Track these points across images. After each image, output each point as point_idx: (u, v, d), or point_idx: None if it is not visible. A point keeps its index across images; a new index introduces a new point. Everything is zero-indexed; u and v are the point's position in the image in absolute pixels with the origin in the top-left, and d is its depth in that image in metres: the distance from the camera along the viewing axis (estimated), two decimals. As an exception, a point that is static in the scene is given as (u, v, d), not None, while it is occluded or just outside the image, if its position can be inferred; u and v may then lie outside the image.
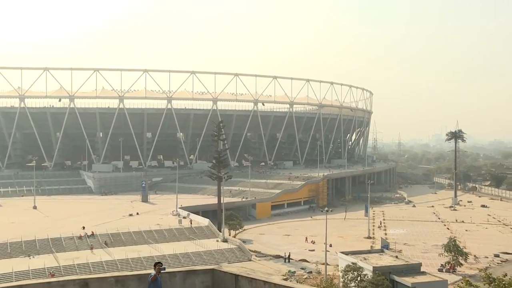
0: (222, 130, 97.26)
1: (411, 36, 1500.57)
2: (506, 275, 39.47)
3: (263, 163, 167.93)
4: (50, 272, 57.85)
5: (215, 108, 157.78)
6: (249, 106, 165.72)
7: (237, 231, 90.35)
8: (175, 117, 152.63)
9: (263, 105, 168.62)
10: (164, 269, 13.55)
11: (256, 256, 73.62)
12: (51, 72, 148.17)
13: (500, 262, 70.54)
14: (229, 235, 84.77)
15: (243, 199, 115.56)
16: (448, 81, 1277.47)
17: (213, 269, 14.98)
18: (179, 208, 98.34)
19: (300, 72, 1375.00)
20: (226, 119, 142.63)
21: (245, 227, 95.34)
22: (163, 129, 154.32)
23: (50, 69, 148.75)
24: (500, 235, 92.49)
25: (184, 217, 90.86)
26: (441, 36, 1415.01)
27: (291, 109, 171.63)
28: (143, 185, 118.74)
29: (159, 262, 13.64)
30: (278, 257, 72.91)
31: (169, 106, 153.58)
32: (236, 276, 14.36)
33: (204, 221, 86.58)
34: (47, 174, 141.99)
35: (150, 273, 13.48)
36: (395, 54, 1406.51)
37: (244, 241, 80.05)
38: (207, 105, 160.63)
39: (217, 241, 77.03)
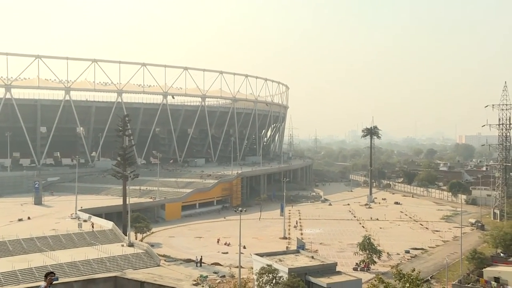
0: (128, 124, 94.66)
1: (327, 30, 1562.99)
2: (414, 270, 42.86)
3: (173, 161, 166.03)
4: None
5: (120, 100, 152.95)
6: (157, 99, 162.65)
7: (144, 235, 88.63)
8: (74, 110, 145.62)
9: (173, 98, 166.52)
10: (57, 279, 12.86)
11: (165, 260, 72.78)
12: None
13: (410, 258, 76.09)
14: (136, 239, 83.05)
15: (151, 200, 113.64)
16: (364, 77, 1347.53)
17: (115, 277, 14.50)
18: (79, 210, 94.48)
19: (213, 63, 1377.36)
20: (133, 113, 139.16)
21: (154, 229, 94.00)
22: (61, 123, 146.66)
23: None
24: (411, 231, 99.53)
25: (85, 220, 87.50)
26: (358, 31, 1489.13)
27: (203, 103, 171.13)
28: (36, 185, 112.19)
29: (51, 272, 12.90)
30: (189, 261, 72.65)
31: (67, 97, 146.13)
32: (142, 283, 14.00)
33: (107, 224, 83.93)
34: None
35: (39, 286, 12.69)
36: (311, 49, 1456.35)
37: (152, 245, 78.85)
38: (111, 97, 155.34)
39: (122, 245, 75.07)
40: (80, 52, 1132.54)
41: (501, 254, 69.24)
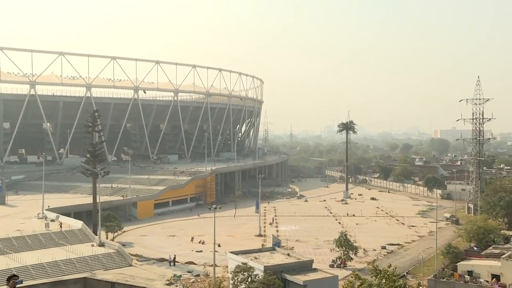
0: (98, 120, 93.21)
1: (304, 25, 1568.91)
2: (390, 266, 43.67)
3: (145, 157, 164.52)
4: None
5: (89, 95, 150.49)
6: (128, 94, 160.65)
7: (115, 234, 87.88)
8: (40, 105, 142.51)
9: (145, 92, 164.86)
10: (21, 282, 12.58)
11: (137, 260, 72.22)
12: None
13: (386, 253, 77.28)
14: (107, 238, 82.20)
15: (123, 198, 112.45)
16: (340, 72, 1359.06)
17: (85, 278, 14.28)
18: (46, 210, 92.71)
19: (186, 57, 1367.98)
20: (102, 108, 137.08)
21: (125, 228, 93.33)
22: (26, 119, 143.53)
23: None
24: (387, 227, 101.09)
25: (52, 220, 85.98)
26: (330, 26, 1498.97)
27: (176, 98, 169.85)
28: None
29: (14, 275, 12.60)
30: (162, 260, 72.24)
31: (32, 92, 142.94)
32: (113, 284, 13.83)
33: (76, 224, 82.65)
34: None
35: (0, 290, 12.44)
36: (285, 42, 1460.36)
37: (123, 245, 78.09)
38: (80, 91, 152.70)
39: (93, 245, 74.10)
40: (47, 45, 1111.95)
41: (475, 248, 70.93)
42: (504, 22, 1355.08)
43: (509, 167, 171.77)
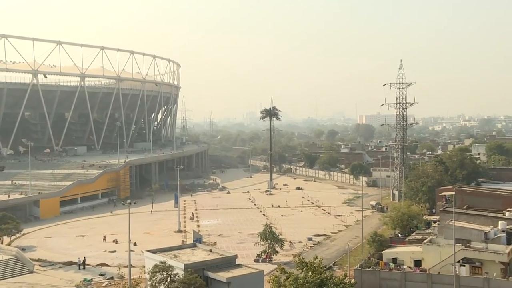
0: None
1: (222, 4, 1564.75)
2: (316, 258, 45.17)
3: (48, 150, 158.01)
4: None
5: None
6: (26, 78, 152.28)
7: (13, 237, 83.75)
8: None
9: (46, 77, 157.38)
10: None
11: (40, 265, 69.54)
12: None
13: (312, 245, 79.62)
14: (2, 243, 78.64)
15: (22, 196, 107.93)
16: (261, 55, 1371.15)
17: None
18: None
19: (93, 38, 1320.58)
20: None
21: (25, 230, 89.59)
22: None
23: None
24: (314, 217, 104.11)
25: None
26: (256, 7, 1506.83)
27: (82, 83, 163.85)
28: None
29: None
30: (70, 263, 70.07)
31: None
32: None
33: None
34: None
35: None
36: (201, 23, 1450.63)
37: (23, 249, 75.25)
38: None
39: (-16, 253, 70.35)
40: None
41: (399, 235, 74.71)
42: (426, 7, 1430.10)
43: (430, 152, 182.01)
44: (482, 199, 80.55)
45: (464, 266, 55.06)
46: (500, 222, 59.84)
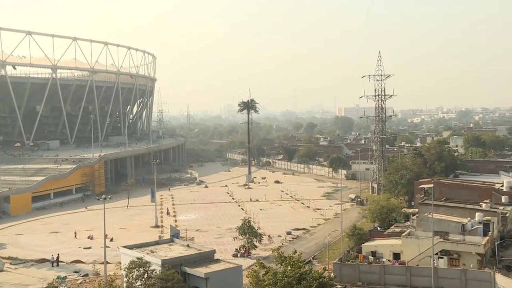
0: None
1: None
2: (295, 252, 45.50)
3: (18, 144, 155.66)
4: None
5: None
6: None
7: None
8: None
9: (15, 68, 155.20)
10: None
11: (11, 263, 68.63)
12: None
13: (291, 239, 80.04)
14: (-30, 241, 77.42)
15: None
16: (237, 45, 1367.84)
17: None
18: None
19: (66, 28, 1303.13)
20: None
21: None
22: None
23: None
24: (293, 211, 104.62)
25: None
26: (232, 1, 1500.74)
27: (54, 75, 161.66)
28: None
29: None
30: (43, 261, 69.28)
31: None
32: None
33: None
34: None
35: None
36: (176, 13, 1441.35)
37: (-7, 247, 74.26)
38: None
39: (-48, 251, 69.28)
40: None
41: (378, 228, 75.67)
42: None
43: (409, 145, 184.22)
44: (459, 191, 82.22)
45: (442, 258, 56.21)
46: (477, 213, 61.01)
